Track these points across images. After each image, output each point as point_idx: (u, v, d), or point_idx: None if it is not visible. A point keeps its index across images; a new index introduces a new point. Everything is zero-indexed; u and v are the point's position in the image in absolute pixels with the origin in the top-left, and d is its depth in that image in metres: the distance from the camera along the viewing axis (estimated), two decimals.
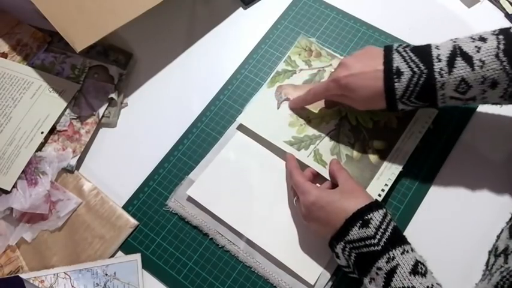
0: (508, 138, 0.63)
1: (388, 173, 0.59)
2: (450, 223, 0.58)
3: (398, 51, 0.54)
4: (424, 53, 0.53)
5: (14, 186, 0.62)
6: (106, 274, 0.58)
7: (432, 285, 0.45)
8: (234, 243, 0.58)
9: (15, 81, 0.69)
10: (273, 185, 0.61)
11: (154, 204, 0.62)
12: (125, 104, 0.70)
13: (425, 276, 0.46)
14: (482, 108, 0.65)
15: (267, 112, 0.65)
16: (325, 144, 0.62)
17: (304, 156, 0.61)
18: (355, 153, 0.61)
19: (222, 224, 0.59)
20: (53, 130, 0.66)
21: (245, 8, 0.77)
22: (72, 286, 0.57)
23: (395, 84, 0.53)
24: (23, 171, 0.63)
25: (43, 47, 0.72)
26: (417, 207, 0.59)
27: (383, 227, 0.48)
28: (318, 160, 0.60)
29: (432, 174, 0.61)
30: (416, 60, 0.52)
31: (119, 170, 0.65)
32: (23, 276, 0.57)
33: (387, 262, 0.46)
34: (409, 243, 0.49)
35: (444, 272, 0.48)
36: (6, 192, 0.62)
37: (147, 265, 0.59)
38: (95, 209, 0.62)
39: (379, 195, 0.58)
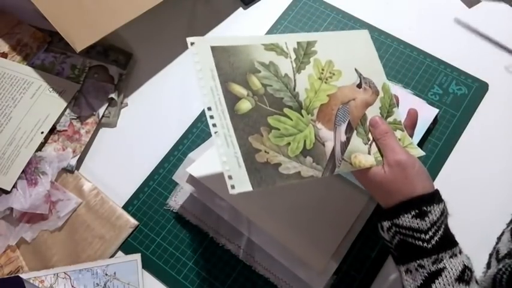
0: (509, 138, 0.63)
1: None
2: (450, 223, 0.58)
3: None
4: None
5: (14, 186, 0.62)
6: (106, 274, 0.58)
7: None
8: (233, 242, 0.58)
9: (15, 81, 0.69)
10: None
11: (154, 204, 0.62)
12: (124, 104, 0.70)
13: (468, 285, 0.43)
14: (488, 104, 0.65)
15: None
16: None
17: None
18: None
19: (225, 209, 0.55)
20: (53, 130, 0.66)
21: (245, 8, 0.77)
22: (72, 286, 0.57)
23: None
24: (23, 171, 0.63)
25: (43, 47, 0.72)
26: None
27: (438, 224, 0.44)
28: None
29: (432, 174, 0.61)
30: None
31: (119, 170, 0.65)
32: (23, 276, 0.57)
33: (433, 263, 0.43)
34: (457, 244, 0.45)
35: None
36: (6, 192, 0.62)
37: (147, 265, 0.59)
38: (94, 209, 0.62)
39: None
